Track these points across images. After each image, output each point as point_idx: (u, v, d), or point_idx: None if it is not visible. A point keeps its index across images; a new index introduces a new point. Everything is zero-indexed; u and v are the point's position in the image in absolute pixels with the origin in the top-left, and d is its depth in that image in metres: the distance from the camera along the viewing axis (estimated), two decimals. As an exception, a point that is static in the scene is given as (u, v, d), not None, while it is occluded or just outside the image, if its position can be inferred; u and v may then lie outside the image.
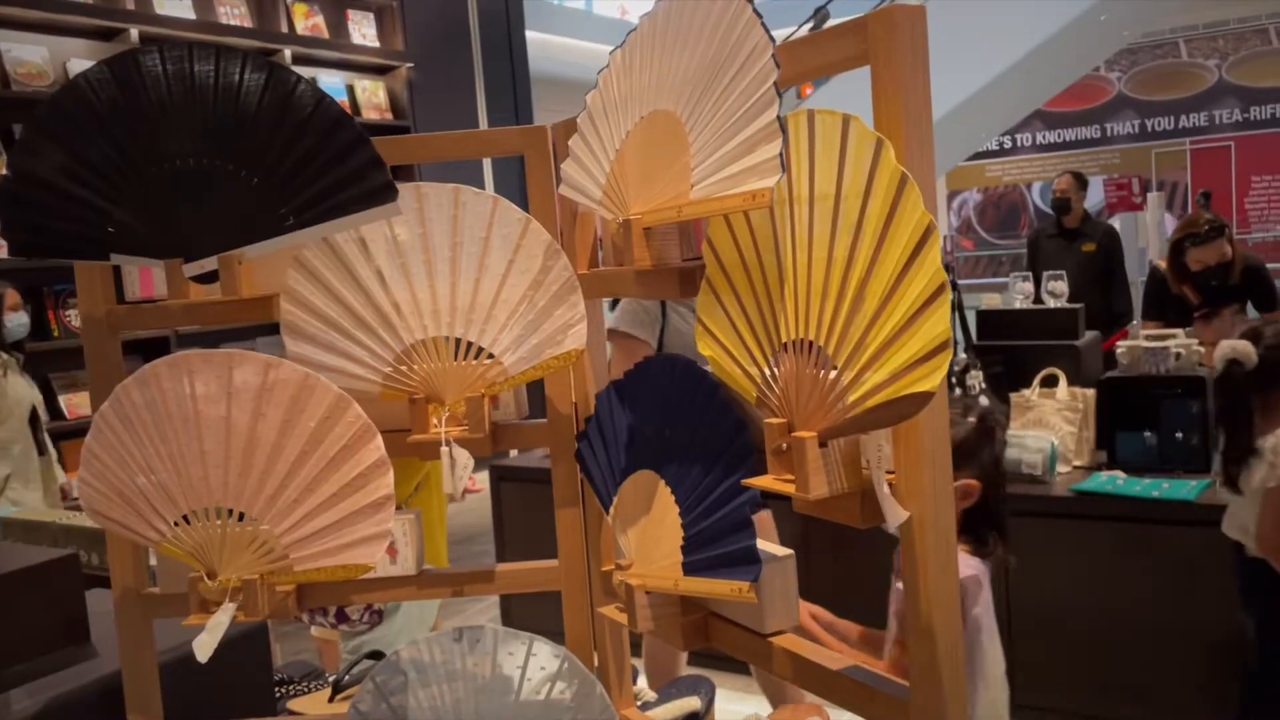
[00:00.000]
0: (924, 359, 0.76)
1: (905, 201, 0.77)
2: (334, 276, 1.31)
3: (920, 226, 0.76)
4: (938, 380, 0.75)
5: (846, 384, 0.85)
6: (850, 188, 0.83)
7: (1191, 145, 13.34)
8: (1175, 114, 13.44)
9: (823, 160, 0.87)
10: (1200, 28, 13.05)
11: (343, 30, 6.39)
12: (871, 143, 0.81)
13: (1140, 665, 3.29)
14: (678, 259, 1.09)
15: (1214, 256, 4.39)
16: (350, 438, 1.26)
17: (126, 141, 1.24)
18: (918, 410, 0.77)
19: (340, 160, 1.22)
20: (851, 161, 0.83)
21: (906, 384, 0.78)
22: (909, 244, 0.77)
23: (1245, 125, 13.08)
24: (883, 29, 0.85)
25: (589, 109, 1.22)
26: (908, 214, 0.77)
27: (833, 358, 0.86)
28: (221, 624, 1.27)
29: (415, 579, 1.40)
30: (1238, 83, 13.11)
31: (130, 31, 5.06)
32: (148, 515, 1.29)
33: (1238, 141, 13.07)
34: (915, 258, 0.77)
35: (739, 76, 0.96)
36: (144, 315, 1.39)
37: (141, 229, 1.26)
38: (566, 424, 1.37)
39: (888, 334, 0.80)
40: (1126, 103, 13.70)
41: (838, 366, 0.86)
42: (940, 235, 0.76)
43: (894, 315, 0.79)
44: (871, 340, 0.82)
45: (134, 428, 1.28)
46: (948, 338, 0.74)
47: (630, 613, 1.14)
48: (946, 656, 0.89)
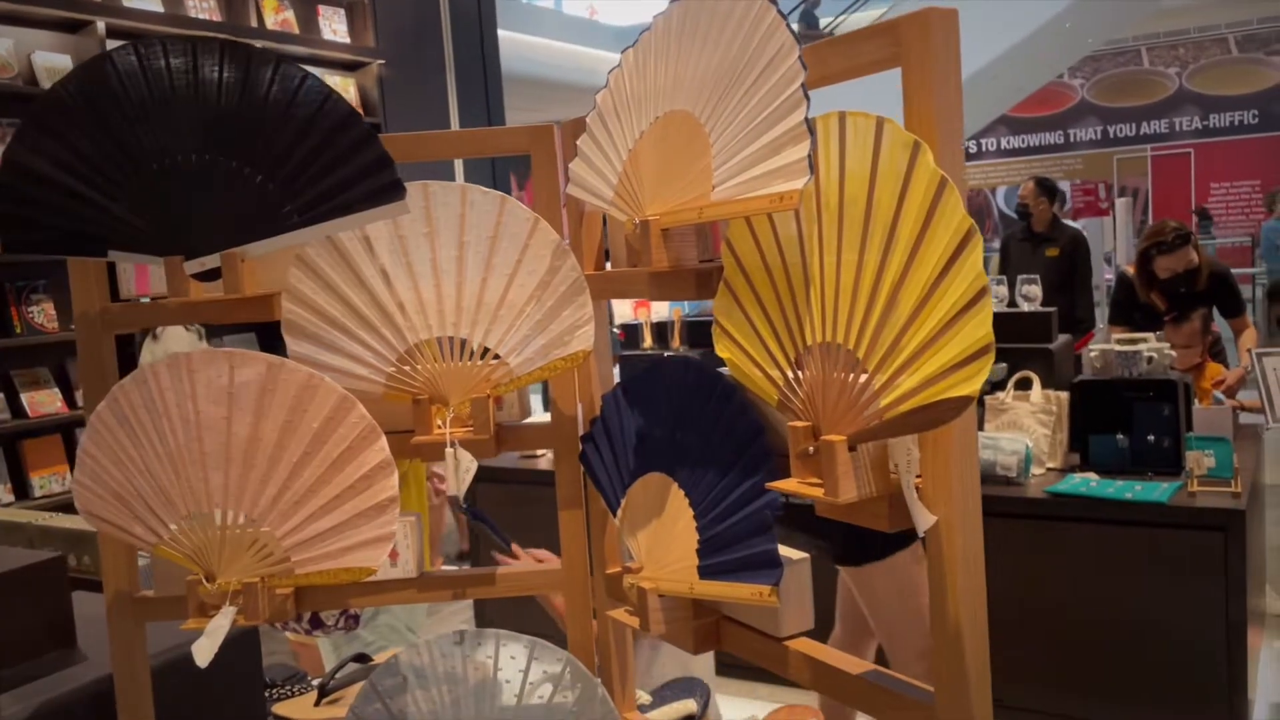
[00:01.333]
0: (964, 363, 0.76)
1: (945, 204, 0.77)
2: (337, 275, 1.29)
3: (961, 230, 0.76)
4: (978, 384, 0.75)
5: (878, 388, 0.84)
6: (883, 190, 0.83)
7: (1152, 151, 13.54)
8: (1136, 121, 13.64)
9: (854, 162, 0.86)
10: (1161, 36, 13.25)
11: (313, 26, 6.32)
12: (908, 145, 0.81)
13: (1114, 665, 3.33)
14: (695, 260, 1.08)
15: (1181, 264, 4.46)
16: (354, 439, 1.24)
17: (127, 136, 1.22)
18: (956, 415, 0.77)
19: (347, 157, 1.20)
20: (885, 164, 0.83)
21: (944, 388, 0.77)
22: (948, 247, 0.77)
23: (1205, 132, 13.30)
24: (916, 32, 0.85)
25: (599, 108, 1.21)
26: (947, 217, 0.77)
27: (863, 361, 0.86)
28: (222, 628, 1.24)
29: (416, 581, 1.39)
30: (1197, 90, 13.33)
31: (97, 24, 4.98)
32: (145, 517, 1.27)
33: (1197, 148, 13.28)
34: (955, 261, 0.77)
35: (763, 78, 0.96)
36: (139, 313, 1.37)
37: (141, 225, 1.24)
38: (570, 425, 1.36)
39: (923, 338, 0.80)
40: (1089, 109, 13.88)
41: (868, 370, 0.86)
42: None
43: (930, 319, 0.79)
44: (905, 344, 0.81)
45: (131, 428, 1.25)
46: (989, 341, 0.74)
47: (642, 616, 1.13)
48: (974, 661, 0.89)
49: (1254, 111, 12.93)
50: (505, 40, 8.01)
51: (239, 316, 1.31)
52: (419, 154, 1.34)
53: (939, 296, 0.78)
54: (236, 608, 1.26)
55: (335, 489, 1.24)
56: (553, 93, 11.38)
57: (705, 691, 1.70)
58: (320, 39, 6.30)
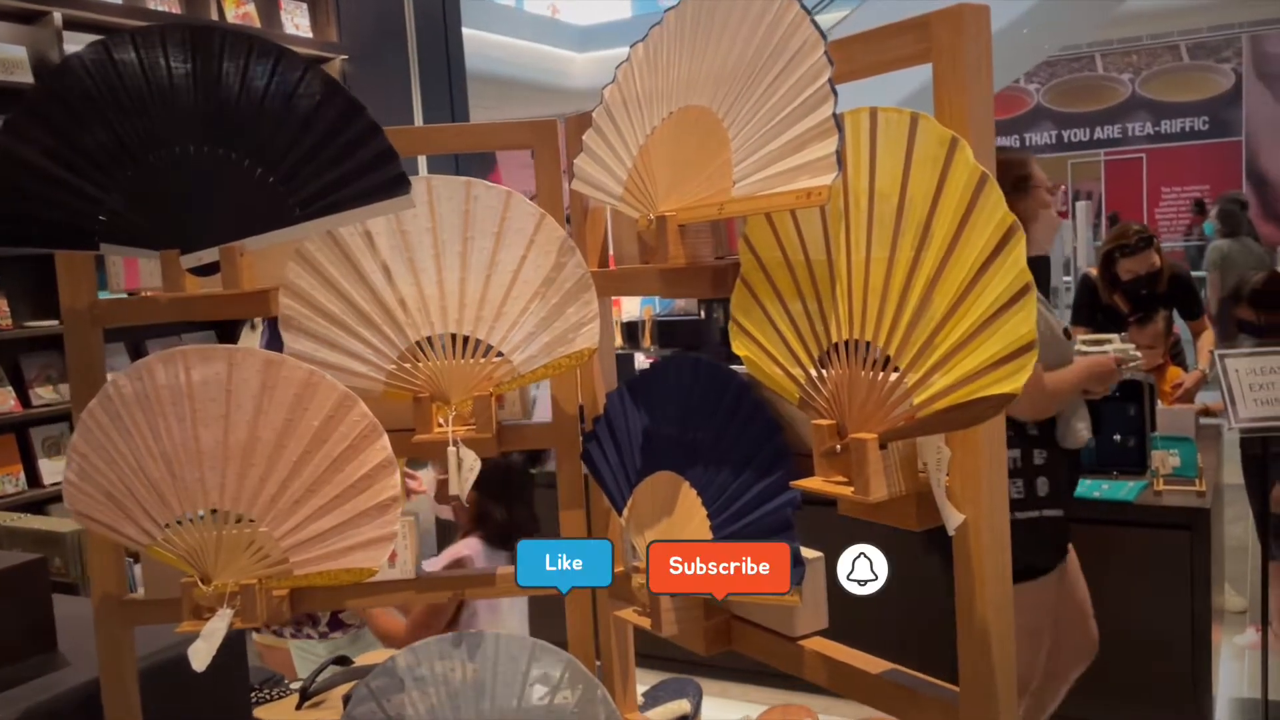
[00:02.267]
0: (1004, 360, 0.76)
1: (985, 201, 0.77)
2: (337, 270, 1.27)
3: (1003, 226, 0.76)
4: (1021, 382, 0.74)
5: (911, 386, 0.84)
6: (917, 186, 0.83)
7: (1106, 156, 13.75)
8: (1090, 126, 13.84)
9: (885, 158, 0.86)
10: (1115, 43, 13.46)
11: (275, 19, 6.23)
12: (944, 141, 0.80)
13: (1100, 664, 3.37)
14: (710, 257, 1.08)
15: (1143, 266, 4.51)
16: (355, 437, 1.22)
17: (122, 127, 1.19)
18: (996, 412, 0.76)
19: (351, 151, 1.18)
20: (920, 160, 0.82)
21: (983, 385, 0.77)
22: (989, 244, 0.77)
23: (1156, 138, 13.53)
24: (948, 28, 0.85)
25: (606, 104, 1.20)
26: (988, 213, 0.77)
27: (894, 359, 0.86)
28: (219, 631, 1.22)
29: (414, 582, 1.37)
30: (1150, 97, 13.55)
31: (54, 15, 4.87)
32: (138, 518, 1.23)
33: (1149, 154, 13.50)
34: (995, 257, 0.76)
35: (785, 74, 0.95)
36: (129, 308, 1.34)
37: (136, 219, 1.21)
38: (572, 424, 1.35)
39: (960, 335, 0.79)
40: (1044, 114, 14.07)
41: (900, 368, 0.85)
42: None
43: (969, 316, 0.79)
44: (940, 341, 0.81)
45: (124, 426, 1.22)
46: (1032, 339, 0.74)
47: (654, 617, 1.12)
48: (1000, 661, 0.89)
49: (1204, 118, 13.18)
50: (466, 37, 7.95)
51: (234, 312, 1.28)
52: (422, 149, 1.32)
53: (978, 293, 0.78)
54: (234, 610, 1.23)
55: (336, 488, 1.22)
56: (514, 91, 11.32)
57: (696, 691, 1.69)
58: (282, 33, 6.21)
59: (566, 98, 12.35)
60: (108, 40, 1.18)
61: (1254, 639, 3.81)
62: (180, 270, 1.21)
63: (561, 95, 12.34)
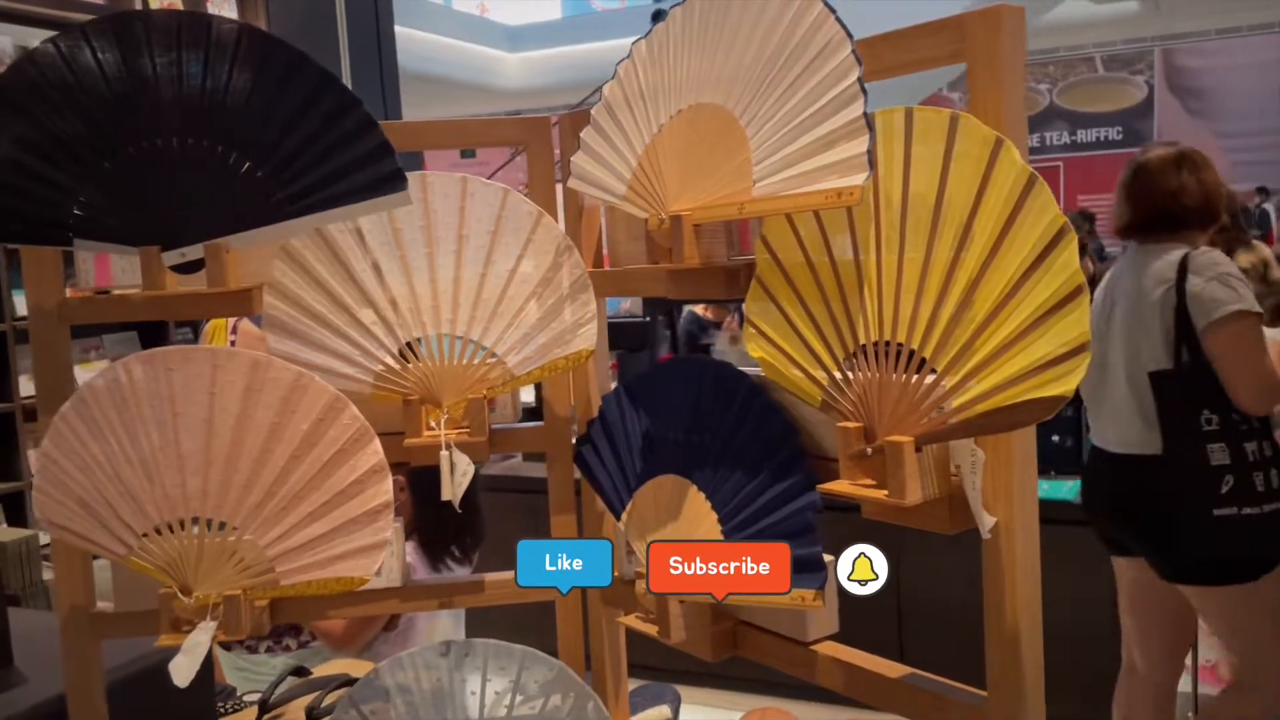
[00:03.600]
0: (1055, 362, 0.75)
1: (1033, 202, 0.77)
2: (325, 269, 1.23)
3: (1053, 227, 0.75)
4: (1073, 384, 0.74)
5: (950, 388, 0.83)
6: (957, 187, 0.82)
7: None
8: (1010, 134, 14.13)
9: (921, 159, 0.85)
10: (1034, 54, 13.80)
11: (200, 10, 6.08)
12: (988, 142, 0.80)
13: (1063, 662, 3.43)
14: (724, 257, 1.06)
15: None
16: (346, 441, 1.18)
17: (100, 116, 1.13)
18: (1047, 414, 0.76)
19: (344, 144, 1.13)
20: (960, 160, 0.82)
21: (1031, 388, 0.77)
22: (1037, 245, 0.76)
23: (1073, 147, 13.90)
24: (984, 29, 0.85)
25: (606, 101, 1.17)
26: (1035, 215, 0.76)
27: (930, 361, 0.85)
28: (201, 644, 1.17)
29: (399, 591, 1.33)
30: (1067, 107, 13.92)
31: (-28, 3, 4.68)
32: (113, 526, 1.18)
33: (1066, 162, 13.86)
34: (1044, 259, 0.76)
35: (808, 72, 0.94)
36: (100, 307, 1.27)
37: (113, 213, 1.15)
38: (564, 427, 1.32)
39: (1005, 338, 0.79)
40: (965, 121, 14.33)
41: (936, 370, 0.84)
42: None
43: (1014, 318, 0.78)
44: (982, 344, 0.81)
45: (100, 430, 1.17)
46: (1085, 340, 0.73)
47: (662, 623, 1.10)
48: (1030, 665, 0.88)
49: (1118, 128, 13.58)
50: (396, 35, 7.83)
51: (214, 312, 1.23)
52: (411, 144, 1.28)
53: (1024, 295, 0.77)
54: (216, 622, 1.18)
55: (325, 494, 1.18)
56: (441, 90, 11.20)
57: (675, 697, 1.67)
58: (210, 26, 6.05)
59: (497, 97, 12.27)
60: (85, 27, 1.12)
61: None
62: (160, 267, 1.16)
63: (492, 94, 12.25)
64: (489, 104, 12.46)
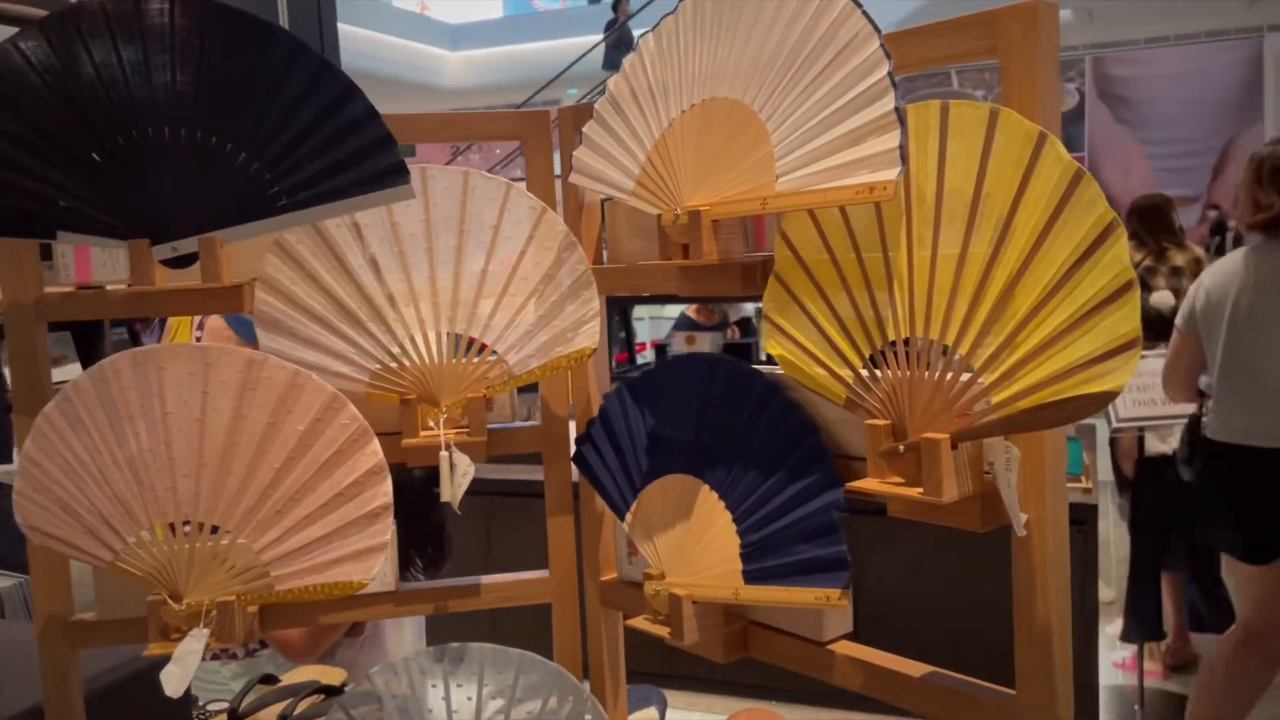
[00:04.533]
0: (1104, 357, 0.75)
1: (1080, 197, 0.76)
2: (320, 264, 1.19)
3: (1102, 222, 0.75)
4: (1123, 379, 0.74)
5: (988, 385, 0.83)
6: (997, 182, 0.82)
7: (961, 168, 14.28)
8: (947, 138, 14.34)
9: (958, 154, 0.84)
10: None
11: None
12: (1031, 137, 0.79)
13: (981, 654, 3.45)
14: (741, 253, 1.05)
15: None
16: (344, 442, 1.15)
17: (88, 104, 1.09)
18: (1095, 410, 0.76)
19: (345, 136, 1.10)
20: (1000, 155, 0.81)
21: (1078, 383, 0.76)
22: (1084, 240, 0.76)
23: (1008, 151, 14.11)
24: (1020, 24, 0.84)
25: (611, 95, 1.15)
26: (1082, 209, 0.76)
27: (967, 358, 0.84)
28: (193, 653, 1.12)
29: (392, 595, 1.29)
30: (1002, 112, 14.15)
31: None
32: (99, 532, 1.13)
33: (1001, 166, 14.08)
34: (1092, 254, 0.76)
35: (834, 66, 0.93)
36: (80, 303, 1.22)
37: (101, 205, 1.10)
38: (562, 427, 1.30)
39: (1049, 333, 0.78)
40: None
41: (973, 367, 0.84)
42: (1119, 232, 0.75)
43: (1059, 314, 0.78)
44: (1023, 340, 0.80)
45: (86, 431, 1.12)
46: (1136, 336, 0.73)
47: (675, 624, 1.08)
48: (1060, 662, 0.88)
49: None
50: (339, 31, 7.71)
51: (201, 309, 1.19)
52: (403, 137, 1.25)
53: (1070, 290, 0.77)
54: (209, 629, 1.14)
55: (323, 496, 1.14)
56: (382, 88, 11.06)
57: (662, 699, 1.66)
58: (148, 19, 5.91)
59: (439, 96, 12.15)
60: (75, 8, 1.07)
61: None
62: (150, 262, 1.12)
63: (434, 93, 12.13)
64: (430, 103, 12.34)
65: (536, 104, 11.05)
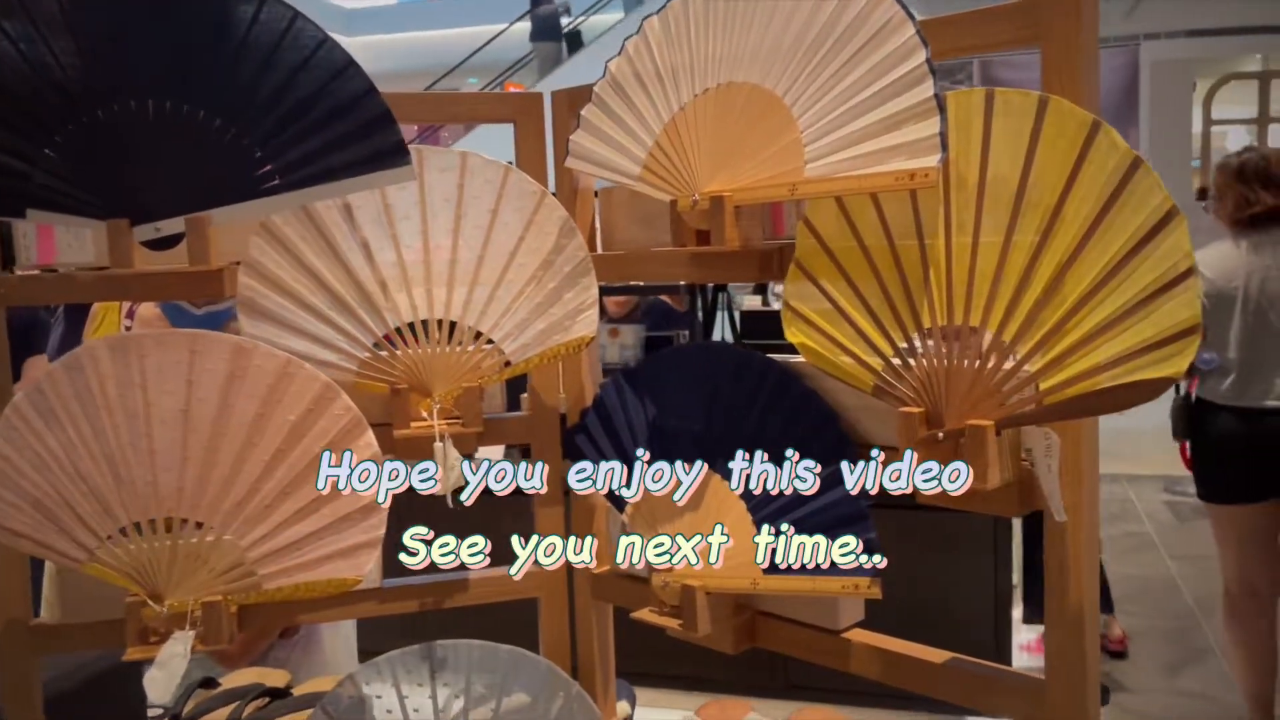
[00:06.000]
0: (1161, 344, 0.76)
1: (1136, 185, 0.77)
2: (308, 247, 1.14)
3: (1160, 210, 0.76)
4: (1183, 365, 0.75)
5: (1035, 371, 0.83)
6: (1046, 170, 0.82)
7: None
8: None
9: (1003, 141, 0.85)
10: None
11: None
12: (1084, 124, 0.80)
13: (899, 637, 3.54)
14: (760, 240, 1.03)
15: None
16: (337, 433, 1.10)
17: (64, 73, 1.02)
18: (1154, 396, 0.77)
19: (342, 113, 1.06)
20: (1049, 143, 0.82)
21: (1134, 369, 0.77)
22: (1141, 228, 0.77)
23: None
24: (1060, 12, 0.85)
25: (612, 78, 1.13)
26: (1139, 198, 0.77)
27: (1011, 345, 0.85)
28: (177, 656, 1.06)
29: (376, 593, 1.24)
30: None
31: None
32: (73, 530, 1.06)
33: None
34: (1149, 242, 0.76)
35: (865, 52, 0.92)
36: (45, 287, 1.14)
37: (77, 182, 1.04)
38: (553, 417, 1.27)
39: (1101, 320, 0.79)
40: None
41: (1018, 354, 0.84)
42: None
43: (1113, 301, 0.78)
44: (1073, 327, 0.81)
45: (60, 424, 1.05)
46: (1196, 322, 0.74)
47: (688, 616, 1.06)
48: (1091, 647, 0.90)
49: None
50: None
51: (175, 294, 1.14)
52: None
53: (1125, 277, 0.78)
54: (194, 632, 1.08)
55: (314, 490, 1.09)
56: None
57: (631, 694, 1.64)
58: None
59: (333, 82, 11.82)
60: (49, -29, 1.00)
61: None
62: (129, 243, 1.05)
63: (328, 79, 11.79)
64: (324, 89, 12.00)
65: (443, 89, 10.87)
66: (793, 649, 1.08)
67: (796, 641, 1.08)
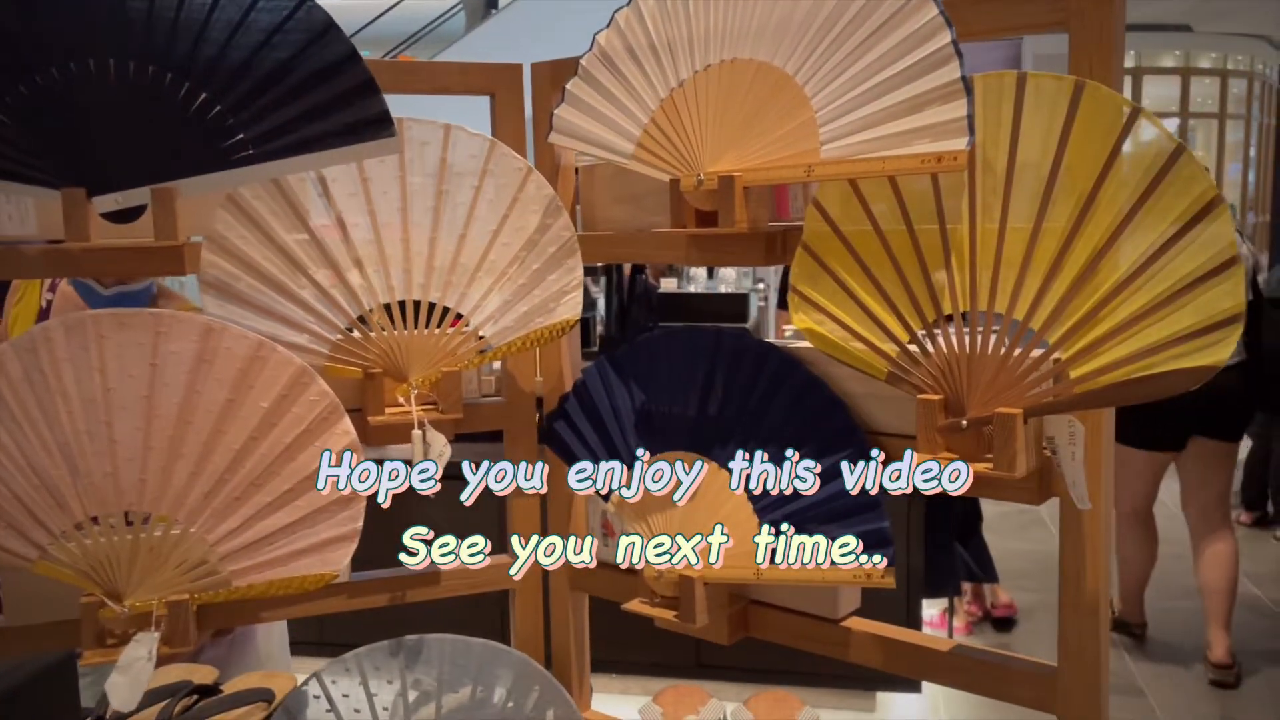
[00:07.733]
0: (1202, 332, 0.75)
1: (1179, 173, 0.76)
2: (279, 222, 1.07)
3: (1202, 199, 0.75)
4: (1224, 354, 0.74)
5: (1066, 359, 0.82)
6: (1080, 155, 0.81)
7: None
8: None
9: (1034, 126, 0.83)
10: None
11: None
12: (1121, 111, 0.79)
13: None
14: (767, 222, 1.00)
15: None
16: (313, 420, 1.04)
17: (17, 32, 0.93)
18: (1193, 384, 0.76)
19: (323, 80, 0.99)
20: (1084, 129, 0.80)
21: (1173, 357, 0.76)
22: (1182, 216, 0.76)
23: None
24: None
25: (601, 51, 1.08)
26: (1181, 185, 0.76)
27: (1040, 333, 0.83)
28: (140, 660, 0.99)
29: (346, 587, 1.18)
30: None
31: None
32: (23, 525, 0.98)
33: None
34: (1191, 229, 0.76)
35: (884, 31, 0.90)
36: (-15, 261, 1.05)
37: (30, 148, 0.95)
38: (528, 403, 1.22)
39: (1138, 308, 0.78)
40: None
41: (1048, 342, 0.83)
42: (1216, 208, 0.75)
43: (1151, 289, 0.77)
44: (1108, 315, 0.80)
45: (9, 411, 0.97)
46: (1239, 311, 0.74)
47: (686, 607, 1.03)
48: (1102, 635, 0.90)
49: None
50: None
51: (137, 270, 1.05)
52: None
53: (1164, 265, 0.77)
54: (158, 633, 1.01)
55: (287, 481, 1.03)
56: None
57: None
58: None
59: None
60: (0, -87, 0.91)
61: None
62: (86, 215, 0.97)
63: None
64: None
65: (413, 61, 10.45)
66: (789, 638, 1.06)
67: (794, 631, 1.06)
